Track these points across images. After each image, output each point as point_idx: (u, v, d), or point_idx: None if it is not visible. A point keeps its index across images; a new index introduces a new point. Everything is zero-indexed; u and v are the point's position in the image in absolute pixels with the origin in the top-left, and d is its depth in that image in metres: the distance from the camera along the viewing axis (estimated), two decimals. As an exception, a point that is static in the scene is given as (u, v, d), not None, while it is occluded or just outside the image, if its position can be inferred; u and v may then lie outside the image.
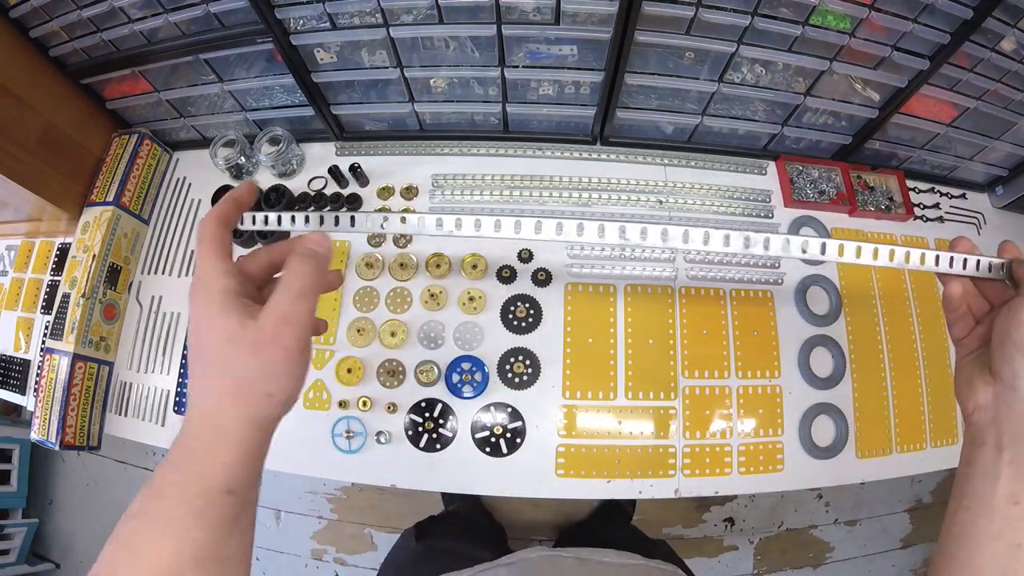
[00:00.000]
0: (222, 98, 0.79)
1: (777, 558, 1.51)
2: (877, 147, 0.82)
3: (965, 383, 0.39)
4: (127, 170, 0.80)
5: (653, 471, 0.69)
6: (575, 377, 0.72)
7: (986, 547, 0.33)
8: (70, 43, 0.72)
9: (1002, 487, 0.33)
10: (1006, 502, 0.33)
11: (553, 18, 0.63)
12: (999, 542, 0.33)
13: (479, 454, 0.69)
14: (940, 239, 0.85)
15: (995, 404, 0.36)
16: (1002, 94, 0.72)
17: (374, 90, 0.76)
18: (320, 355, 0.73)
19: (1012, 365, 0.35)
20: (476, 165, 0.83)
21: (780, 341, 0.75)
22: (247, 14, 0.65)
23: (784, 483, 0.71)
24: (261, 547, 1.53)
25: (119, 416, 0.75)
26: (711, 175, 0.84)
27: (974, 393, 0.37)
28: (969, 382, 0.38)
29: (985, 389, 0.37)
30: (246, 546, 0.32)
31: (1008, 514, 0.33)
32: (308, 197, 0.81)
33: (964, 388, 0.39)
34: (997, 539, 0.33)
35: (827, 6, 0.61)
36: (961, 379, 0.40)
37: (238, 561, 0.31)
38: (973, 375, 0.38)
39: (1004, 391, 0.35)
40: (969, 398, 0.38)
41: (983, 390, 0.37)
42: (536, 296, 0.75)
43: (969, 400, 0.38)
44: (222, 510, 0.30)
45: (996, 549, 0.33)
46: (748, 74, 0.71)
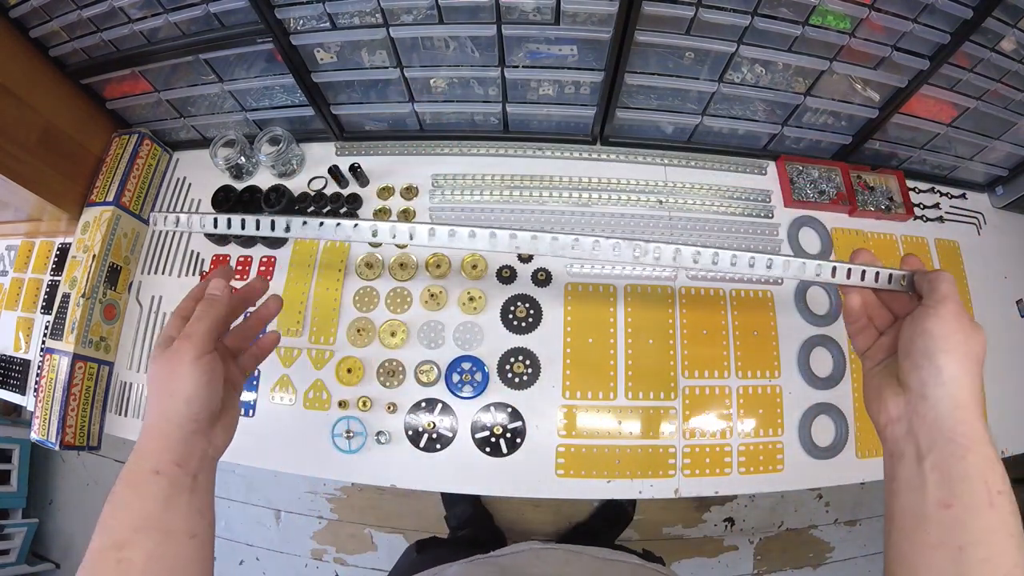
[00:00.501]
0: (222, 98, 0.79)
1: (777, 558, 1.51)
2: (877, 147, 0.82)
3: (875, 396, 0.39)
4: (127, 170, 0.80)
5: (653, 471, 0.69)
6: (575, 377, 0.72)
7: (928, 558, 0.32)
8: (70, 43, 0.72)
9: (931, 495, 0.33)
10: (937, 508, 0.33)
11: (553, 18, 0.63)
12: (940, 550, 0.32)
13: (479, 454, 0.69)
14: (940, 239, 0.85)
15: (907, 414, 0.36)
16: (1002, 94, 0.72)
17: (374, 90, 0.76)
18: (320, 355, 0.73)
19: (919, 373, 0.35)
20: (476, 165, 0.83)
21: (780, 341, 0.75)
22: (247, 14, 0.65)
23: (784, 483, 0.71)
24: (261, 547, 1.53)
25: (119, 416, 0.75)
26: (711, 175, 0.84)
27: (885, 406, 0.37)
28: (879, 395, 0.38)
29: (896, 400, 0.37)
30: (195, 528, 0.38)
31: (942, 520, 0.32)
32: (308, 197, 0.81)
33: (874, 402, 0.39)
34: (937, 547, 0.32)
35: (827, 6, 0.61)
36: (870, 393, 0.40)
37: (186, 537, 0.37)
38: (882, 387, 0.38)
39: (914, 400, 0.35)
40: (880, 411, 0.38)
41: (893, 401, 0.37)
42: (536, 296, 0.75)
43: (880, 413, 0.38)
44: (153, 487, 0.37)
45: (938, 558, 0.32)
46: (748, 74, 0.71)
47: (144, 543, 0.36)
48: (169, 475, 0.38)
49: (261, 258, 0.78)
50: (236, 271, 0.79)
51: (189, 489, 0.38)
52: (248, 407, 0.72)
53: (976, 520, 0.32)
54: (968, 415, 0.34)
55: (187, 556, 0.37)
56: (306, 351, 0.73)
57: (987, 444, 0.33)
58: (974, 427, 0.34)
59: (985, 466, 0.33)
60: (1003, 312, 0.84)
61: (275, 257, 0.79)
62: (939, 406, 0.34)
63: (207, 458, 0.41)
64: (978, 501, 0.32)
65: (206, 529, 0.39)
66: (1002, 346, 0.81)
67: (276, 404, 0.72)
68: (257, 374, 0.73)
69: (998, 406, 0.78)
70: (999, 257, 0.86)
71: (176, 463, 0.38)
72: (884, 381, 0.39)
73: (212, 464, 0.42)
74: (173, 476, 0.38)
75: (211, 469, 0.42)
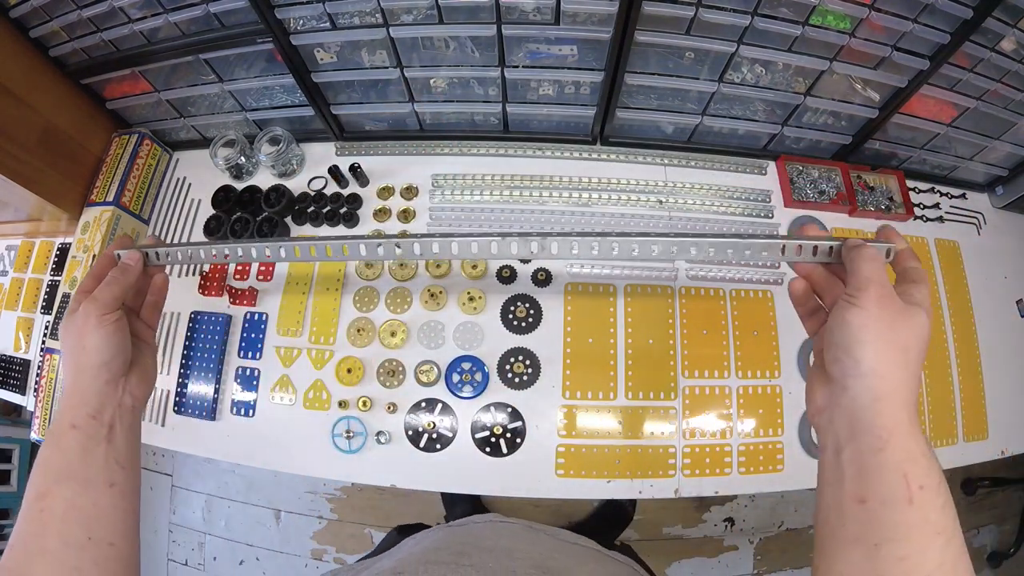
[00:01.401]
0: (222, 98, 0.79)
1: (777, 558, 1.51)
2: (877, 147, 0.82)
3: (809, 387, 0.38)
4: (127, 170, 0.81)
5: (653, 471, 0.69)
6: (575, 377, 0.72)
7: (845, 552, 0.32)
8: (70, 43, 0.72)
9: (847, 489, 0.32)
10: (852, 503, 0.32)
11: (553, 18, 0.63)
12: (856, 546, 0.31)
13: (479, 454, 0.69)
14: (940, 239, 0.85)
15: (829, 405, 0.35)
16: (1002, 94, 0.72)
17: (374, 90, 0.76)
18: (320, 355, 0.73)
19: (840, 365, 0.34)
20: (476, 165, 0.83)
21: (780, 341, 0.75)
22: (247, 14, 0.65)
23: (784, 483, 0.71)
24: (261, 547, 1.53)
25: (119, 416, 0.75)
26: (711, 175, 0.84)
27: (814, 396, 0.37)
28: (811, 384, 0.38)
29: (822, 390, 0.36)
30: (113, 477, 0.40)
31: (858, 515, 0.31)
32: (308, 197, 0.81)
33: (808, 392, 0.38)
34: (853, 543, 0.31)
35: (827, 6, 0.61)
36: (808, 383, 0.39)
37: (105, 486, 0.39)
38: (814, 378, 0.38)
39: (836, 391, 0.35)
40: (811, 401, 0.37)
41: (820, 391, 0.36)
42: (536, 296, 0.75)
43: (811, 404, 0.37)
44: (71, 440, 0.39)
45: (854, 555, 0.31)
46: (748, 74, 0.71)
47: (63, 493, 0.38)
48: (84, 428, 0.40)
49: (261, 258, 0.78)
50: (236, 272, 0.79)
51: (106, 440, 0.40)
52: (248, 407, 0.72)
53: (893, 516, 0.30)
54: (888, 407, 0.32)
55: (106, 504, 0.39)
56: (306, 351, 0.73)
57: (909, 437, 0.32)
58: (895, 419, 0.32)
59: (905, 460, 0.31)
60: (1003, 312, 0.83)
61: (275, 257, 0.78)
62: (858, 398, 0.33)
63: (124, 408, 0.42)
64: (895, 496, 0.31)
65: (127, 479, 0.41)
66: (1002, 346, 0.81)
67: (276, 404, 0.72)
68: (257, 374, 0.73)
69: (998, 406, 0.78)
70: (999, 257, 0.86)
71: (91, 415, 0.40)
72: (816, 371, 0.38)
73: (130, 415, 0.43)
74: (88, 428, 0.40)
75: (130, 421, 0.43)
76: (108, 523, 0.39)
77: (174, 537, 1.57)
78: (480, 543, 0.45)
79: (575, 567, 0.46)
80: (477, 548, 0.44)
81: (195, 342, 0.75)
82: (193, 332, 0.76)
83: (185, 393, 0.74)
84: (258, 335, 0.75)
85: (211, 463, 1.59)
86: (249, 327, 0.75)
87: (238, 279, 0.78)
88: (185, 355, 0.75)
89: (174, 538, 1.57)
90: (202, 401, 0.73)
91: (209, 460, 1.56)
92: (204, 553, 1.55)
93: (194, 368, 0.74)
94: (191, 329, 0.76)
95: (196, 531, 1.56)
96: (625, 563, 0.53)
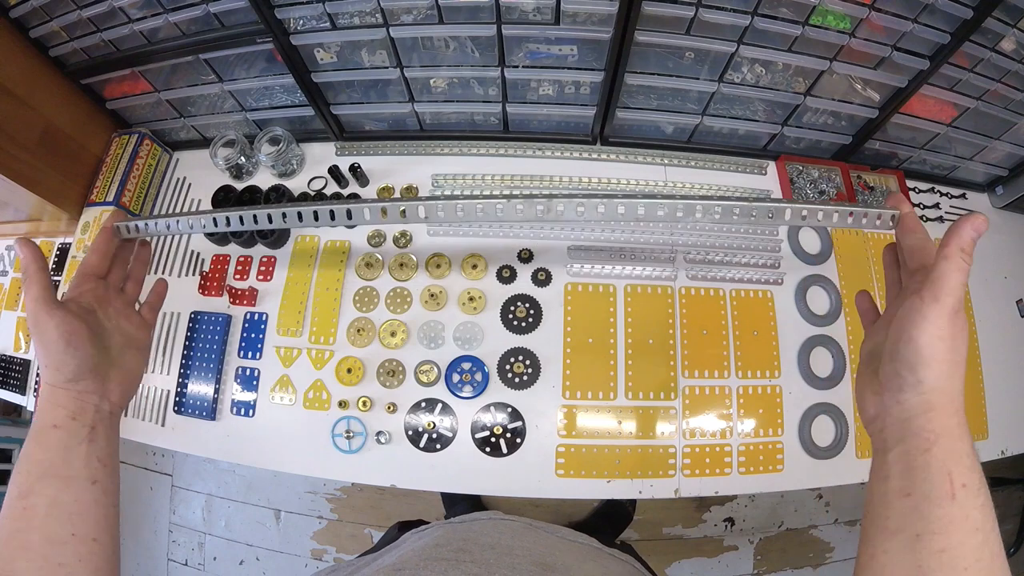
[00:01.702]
0: (222, 98, 0.79)
1: (777, 558, 1.51)
2: (877, 147, 0.82)
3: (860, 395, 0.39)
4: (127, 170, 0.81)
5: (653, 471, 0.69)
6: (575, 377, 0.72)
7: (887, 542, 0.33)
8: (70, 43, 0.72)
9: (893, 484, 0.34)
10: (898, 497, 0.33)
11: (553, 18, 0.63)
12: (898, 536, 0.32)
13: (479, 454, 0.69)
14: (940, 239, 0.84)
15: (882, 414, 0.36)
16: (1002, 94, 0.72)
17: (374, 90, 0.76)
18: (320, 355, 0.73)
19: (899, 380, 0.35)
20: (476, 165, 0.83)
21: (780, 341, 0.75)
22: (247, 14, 0.65)
23: (784, 483, 0.71)
24: (261, 547, 1.53)
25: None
26: (711, 175, 0.84)
27: (866, 406, 0.38)
28: (863, 394, 0.39)
29: (874, 400, 0.37)
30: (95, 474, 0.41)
31: (902, 508, 0.33)
32: (308, 197, 0.81)
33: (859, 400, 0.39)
34: (896, 533, 0.32)
35: (827, 6, 0.61)
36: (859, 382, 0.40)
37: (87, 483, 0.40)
38: (865, 387, 0.38)
39: (888, 402, 0.36)
40: (863, 411, 0.39)
41: (872, 401, 0.37)
42: (536, 296, 0.75)
43: (863, 413, 0.39)
44: (53, 439, 0.40)
45: (896, 544, 0.32)
46: (748, 74, 0.71)
47: (46, 490, 0.39)
48: (65, 427, 0.41)
49: (261, 258, 0.78)
50: (236, 272, 0.79)
51: (87, 439, 0.41)
52: (248, 407, 0.72)
53: (935, 510, 0.31)
54: (940, 415, 0.34)
55: (88, 500, 0.40)
56: (306, 351, 0.73)
57: (956, 439, 0.33)
58: (944, 424, 0.33)
59: (950, 459, 0.32)
60: (1003, 312, 0.83)
61: (275, 257, 0.79)
62: (913, 409, 0.34)
63: (102, 412, 0.43)
64: (939, 492, 0.32)
65: (107, 477, 0.42)
66: (1002, 346, 0.81)
67: (276, 404, 0.72)
68: (257, 374, 0.73)
69: (998, 406, 0.78)
70: (999, 257, 0.86)
71: (70, 417, 0.41)
72: (866, 378, 0.39)
73: (110, 419, 0.44)
74: (69, 428, 0.41)
75: (110, 423, 0.44)
76: (91, 519, 0.40)
77: (174, 537, 1.57)
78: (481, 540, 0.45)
79: (575, 564, 0.46)
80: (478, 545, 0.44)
81: (195, 342, 0.75)
82: (193, 332, 0.76)
83: (185, 393, 0.74)
84: (258, 335, 0.75)
85: (211, 463, 1.59)
86: (249, 327, 0.75)
87: (238, 279, 0.78)
88: (185, 355, 0.75)
89: (174, 538, 1.57)
90: (202, 401, 0.73)
91: (209, 460, 1.56)
92: (204, 553, 1.55)
93: (194, 368, 0.74)
94: (191, 329, 0.76)
95: (196, 531, 1.56)
96: (626, 561, 0.53)
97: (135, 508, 1.58)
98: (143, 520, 1.58)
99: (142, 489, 1.59)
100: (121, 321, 0.48)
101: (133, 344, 0.48)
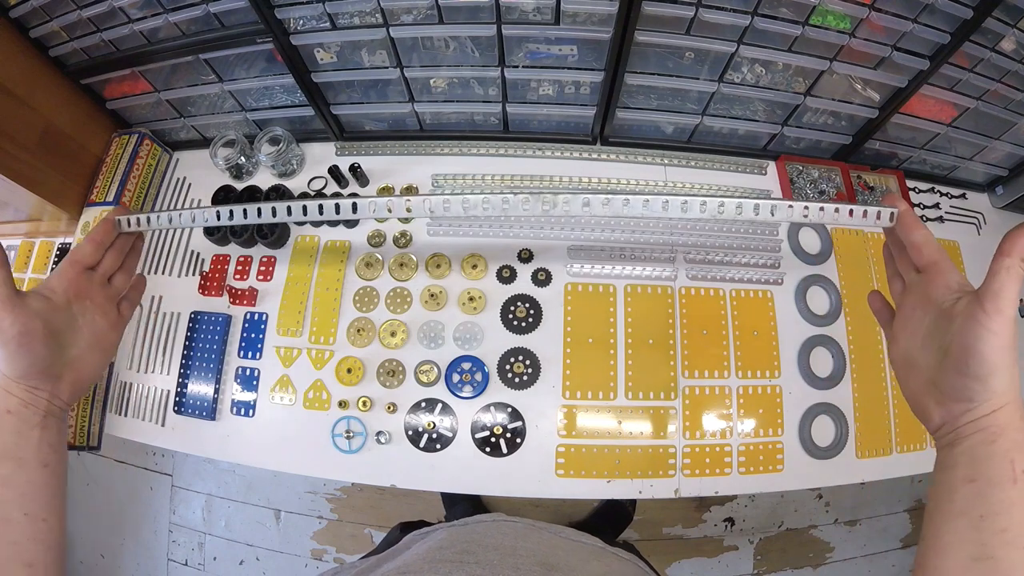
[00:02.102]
0: (222, 98, 0.79)
1: (777, 558, 1.51)
2: (877, 147, 0.82)
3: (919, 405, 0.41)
4: (127, 170, 0.81)
5: (653, 471, 0.69)
6: (575, 377, 0.72)
7: (951, 523, 0.35)
8: (70, 43, 0.72)
9: (959, 472, 0.36)
10: (963, 483, 0.35)
11: (553, 18, 0.63)
12: (962, 518, 0.34)
13: (479, 454, 0.69)
14: (940, 239, 0.84)
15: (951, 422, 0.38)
16: (1002, 94, 0.72)
17: (374, 90, 0.76)
18: (320, 355, 0.73)
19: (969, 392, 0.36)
20: (476, 165, 0.83)
21: (780, 341, 0.75)
22: (247, 14, 0.65)
23: (784, 483, 0.71)
24: (261, 547, 1.53)
25: (119, 416, 0.75)
26: (711, 175, 0.84)
27: (931, 416, 0.40)
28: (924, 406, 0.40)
29: (939, 410, 0.39)
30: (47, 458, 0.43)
31: (966, 492, 0.35)
32: (308, 197, 0.81)
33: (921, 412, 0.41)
34: (960, 516, 0.34)
35: (827, 6, 0.61)
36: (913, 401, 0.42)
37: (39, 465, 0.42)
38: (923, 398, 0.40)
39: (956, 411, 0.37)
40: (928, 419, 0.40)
41: (937, 411, 0.39)
42: (536, 296, 0.75)
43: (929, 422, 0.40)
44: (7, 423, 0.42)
45: (960, 525, 0.34)
46: (748, 74, 0.71)
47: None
48: (18, 414, 0.43)
49: (261, 258, 0.78)
50: (236, 272, 0.79)
51: (40, 426, 0.43)
52: (248, 407, 0.72)
53: (998, 493, 0.34)
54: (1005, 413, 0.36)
55: (39, 481, 0.42)
56: (306, 351, 0.74)
57: (1018, 430, 0.35)
58: (1009, 417, 0.35)
59: (1013, 448, 0.35)
60: (1003, 312, 0.83)
61: (275, 257, 0.79)
62: (982, 411, 0.36)
63: (53, 408, 0.44)
64: (1002, 477, 0.34)
65: (58, 461, 0.44)
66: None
67: (276, 404, 0.72)
68: (257, 374, 0.73)
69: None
70: (999, 257, 0.86)
71: (23, 405, 0.43)
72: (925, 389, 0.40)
73: (60, 412, 0.45)
74: (22, 414, 0.43)
75: (60, 415, 0.45)
76: (42, 501, 0.42)
77: (174, 537, 1.57)
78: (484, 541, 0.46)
79: (579, 564, 0.46)
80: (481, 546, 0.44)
81: (195, 342, 0.75)
82: (193, 332, 0.76)
83: (185, 393, 0.74)
84: (258, 335, 0.75)
85: (211, 463, 1.59)
86: (249, 327, 0.75)
87: (238, 279, 0.78)
88: (185, 355, 0.75)
89: (174, 538, 1.57)
90: (202, 401, 0.73)
91: (209, 460, 1.56)
92: (204, 553, 1.55)
93: (194, 368, 0.74)
94: (191, 329, 0.76)
95: (196, 531, 1.56)
96: (629, 560, 0.53)
97: (135, 508, 1.58)
98: (143, 520, 1.58)
99: (142, 489, 1.59)
100: (96, 316, 0.48)
101: (99, 344, 0.48)
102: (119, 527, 1.58)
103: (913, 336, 0.41)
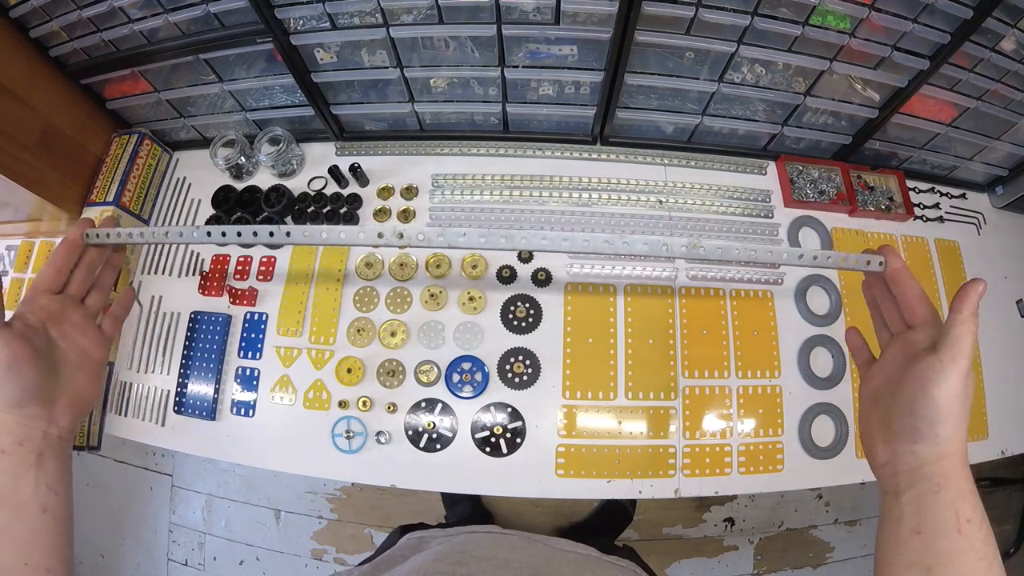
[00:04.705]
0: (222, 98, 0.79)
1: (777, 558, 1.51)
2: (877, 147, 0.82)
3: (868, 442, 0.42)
4: (127, 170, 0.81)
5: (653, 471, 0.69)
6: (575, 377, 0.72)
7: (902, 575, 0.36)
8: (70, 43, 0.72)
9: (906, 524, 0.37)
10: (910, 535, 0.36)
11: (553, 18, 0.63)
12: (912, 569, 0.36)
13: (479, 454, 0.69)
14: (940, 239, 0.85)
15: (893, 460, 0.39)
16: (1002, 94, 0.72)
17: (374, 90, 0.76)
18: (320, 355, 0.73)
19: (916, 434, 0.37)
20: (476, 165, 0.83)
21: (780, 341, 0.75)
22: (247, 14, 0.65)
23: (784, 483, 0.71)
24: (261, 547, 1.53)
25: (119, 416, 0.75)
26: (711, 175, 0.84)
27: (876, 453, 0.41)
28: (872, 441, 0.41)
29: (884, 448, 0.40)
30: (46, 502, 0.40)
31: (913, 544, 0.36)
32: (308, 197, 0.81)
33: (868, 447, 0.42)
34: (910, 568, 0.36)
35: (827, 6, 0.61)
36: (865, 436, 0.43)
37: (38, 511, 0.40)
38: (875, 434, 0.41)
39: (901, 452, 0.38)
40: (872, 457, 0.41)
41: (882, 449, 0.40)
42: (536, 296, 0.75)
43: (873, 459, 0.41)
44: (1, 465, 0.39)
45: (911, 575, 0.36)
46: (748, 74, 0.71)
47: None
48: (12, 454, 0.40)
49: (261, 258, 0.78)
50: (236, 272, 0.79)
51: (35, 466, 0.40)
52: (248, 407, 0.72)
53: (944, 544, 0.35)
54: (949, 461, 0.37)
55: (40, 528, 0.40)
56: (306, 351, 0.73)
57: (963, 479, 0.37)
58: (954, 468, 0.37)
59: (957, 498, 0.36)
60: (1003, 312, 0.83)
61: (275, 257, 0.79)
62: (926, 458, 0.37)
63: (50, 438, 0.42)
64: (947, 527, 0.35)
65: (58, 504, 0.41)
66: (1002, 346, 0.81)
67: (276, 404, 0.72)
68: (257, 374, 0.73)
69: (998, 406, 0.78)
70: (999, 257, 0.86)
71: (17, 443, 0.40)
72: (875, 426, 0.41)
73: (59, 444, 0.43)
74: (16, 455, 0.40)
75: (59, 448, 0.42)
76: (43, 548, 0.39)
77: (174, 537, 1.57)
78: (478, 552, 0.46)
79: None
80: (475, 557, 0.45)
81: (195, 342, 0.75)
82: (193, 332, 0.76)
83: (185, 393, 0.74)
84: (258, 335, 0.75)
85: (211, 463, 1.58)
86: (249, 327, 0.75)
87: (238, 279, 0.78)
88: (185, 355, 0.75)
89: (174, 538, 1.57)
90: (202, 401, 0.73)
91: (209, 460, 1.56)
92: (204, 553, 1.55)
93: (194, 368, 0.74)
94: (191, 329, 0.76)
95: (196, 531, 1.56)
96: (626, 567, 0.53)
97: (135, 508, 1.58)
98: (143, 520, 1.58)
99: (142, 489, 1.59)
100: (77, 338, 0.45)
101: (86, 365, 0.45)
102: (119, 527, 1.58)
103: (889, 380, 0.41)
